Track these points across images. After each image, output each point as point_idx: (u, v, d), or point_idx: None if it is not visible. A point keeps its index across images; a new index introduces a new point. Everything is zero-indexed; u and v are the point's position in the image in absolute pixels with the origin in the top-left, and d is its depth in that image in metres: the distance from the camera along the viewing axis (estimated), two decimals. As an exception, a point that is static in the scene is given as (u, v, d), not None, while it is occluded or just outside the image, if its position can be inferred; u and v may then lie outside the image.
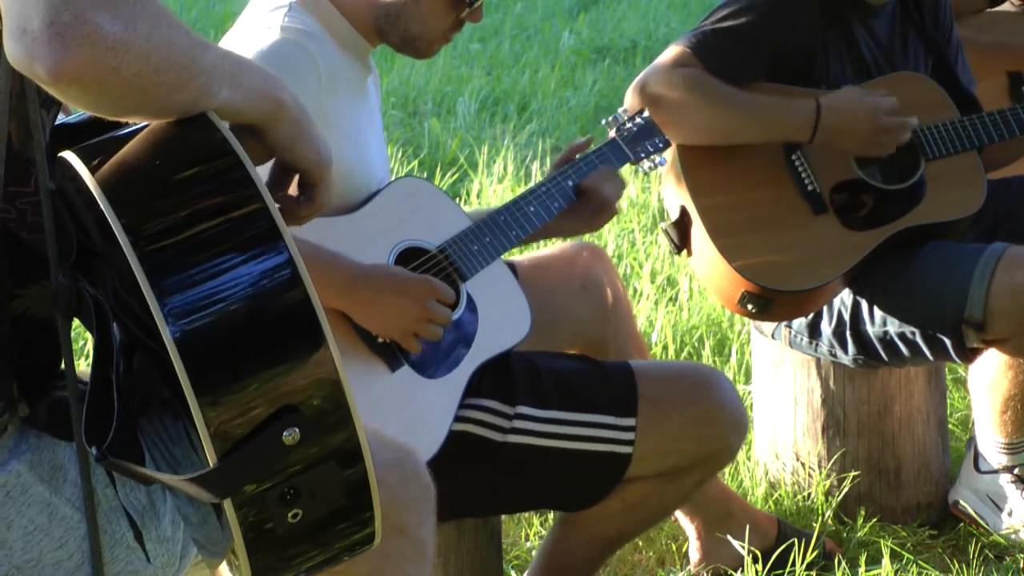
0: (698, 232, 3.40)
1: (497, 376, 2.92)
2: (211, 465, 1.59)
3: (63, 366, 1.75)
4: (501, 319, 2.95)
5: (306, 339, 1.60)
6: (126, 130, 1.69)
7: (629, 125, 3.19)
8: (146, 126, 1.67)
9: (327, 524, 1.68)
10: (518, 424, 2.88)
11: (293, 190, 1.83)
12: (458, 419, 2.87)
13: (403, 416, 2.77)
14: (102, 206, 1.59)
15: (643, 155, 3.17)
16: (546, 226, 3.04)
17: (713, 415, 2.96)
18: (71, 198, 1.69)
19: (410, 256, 2.89)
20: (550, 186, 3.04)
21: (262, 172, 1.68)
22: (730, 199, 3.41)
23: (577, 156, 3.11)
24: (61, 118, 1.79)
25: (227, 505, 1.61)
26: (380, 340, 2.81)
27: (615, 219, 5.32)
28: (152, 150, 1.64)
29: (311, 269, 1.64)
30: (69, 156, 1.65)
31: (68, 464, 1.76)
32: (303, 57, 2.76)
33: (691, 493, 3.08)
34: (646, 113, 3.21)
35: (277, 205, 1.63)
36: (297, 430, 1.60)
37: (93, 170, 1.62)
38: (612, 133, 3.19)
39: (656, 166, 3.20)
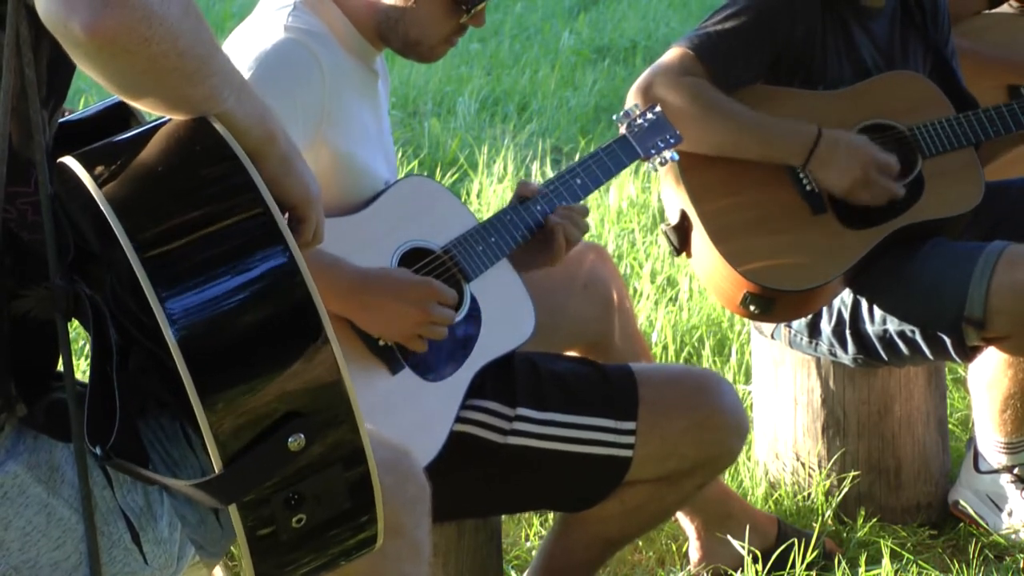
0: (698, 235, 3.40)
1: (498, 377, 2.91)
2: (216, 471, 1.58)
3: (61, 367, 1.75)
4: (504, 321, 2.93)
5: (310, 341, 1.60)
6: (126, 135, 1.69)
7: (640, 121, 3.15)
8: (146, 131, 1.67)
9: (330, 527, 1.68)
10: (518, 426, 2.88)
11: None
12: (458, 420, 2.86)
13: (403, 419, 2.76)
14: (104, 211, 1.59)
15: (654, 151, 3.14)
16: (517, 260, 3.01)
17: (714, 420, 2.96)
18: (66, 201, 1.69)
19: (414, 257, 2.88)
20: (557, 184, 3.02)
21: None
22: (729, 201, 3.41)
23: (584, 155, 3.08)
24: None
25: (232, 510, 1.61)
26: (381, 343, 2.81)
27: (615, 219, 5.37)
28: (154, 155, 1.65)
29: (311, 274, 1.64)
30: (70, 161, 1.65)
31: (65, 465, 1.76)
32: (306, 57, 2.76)
33: (691, 496, 3.08)
34: (658, 108, 3.18)
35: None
36: (302, 436, 1.60)
37: (95, 175, 1.62)
38: (623, 129, 3.16)
39: (667, 162, 3.18)
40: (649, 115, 3.16)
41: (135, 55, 1.55)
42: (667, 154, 3.16)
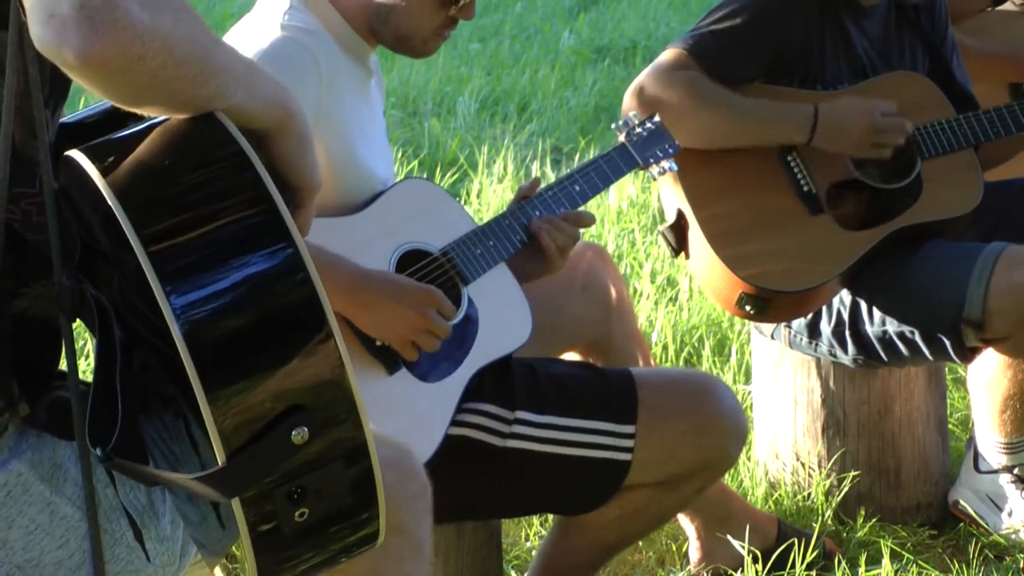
0: (695, 235, 3.41)
1: (497, 380, 2.91)
2: (220, 464, 1.58)
3: (64, 366, 1.75)
4: (502, 323, 2.94)
5: (314, 337, 1.60)
6: (132, 129, 1.69)
7: (639, 130, 3.16)
8: (152, 125, 1.67)
9: (333, 522, 1.68)
10: (517, 429, 2.88)
11: None
12: (457, 423, 2.86)
13: (399, 419, 2.76)
14: (112, 205, 1.59)
15: (652, 160, 3.15)
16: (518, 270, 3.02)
17: (713, 424, 2.96)
18: (75, 198, 1.69)
19: (412, 259, 2.88)
20: (556, 190, 3.03)
21: None
22: (726, 202, 3.41)
23: (583, 161, 3.09)
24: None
25: (234, 504, 1.61)
26: (379, 344, 2.81)
27: (615, 219, 5.38)
28: (160, 149, 1.64)
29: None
30: (76, 155, 1.65)
31: (68, 463, 1.76)
32: (304, 55, 2.76)
33: (690, 501, 3.08)
34: (657, 118, 3.19)
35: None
36: (306, 429, 1.60)
37: (101, 169, 1.62)
38: (622, 137, 3.17)
39: (665, 171, 3.19)
40: (648, 124, 3.18)
41: (132, 72, 1.54)
42: (665, 164, 3.18)
